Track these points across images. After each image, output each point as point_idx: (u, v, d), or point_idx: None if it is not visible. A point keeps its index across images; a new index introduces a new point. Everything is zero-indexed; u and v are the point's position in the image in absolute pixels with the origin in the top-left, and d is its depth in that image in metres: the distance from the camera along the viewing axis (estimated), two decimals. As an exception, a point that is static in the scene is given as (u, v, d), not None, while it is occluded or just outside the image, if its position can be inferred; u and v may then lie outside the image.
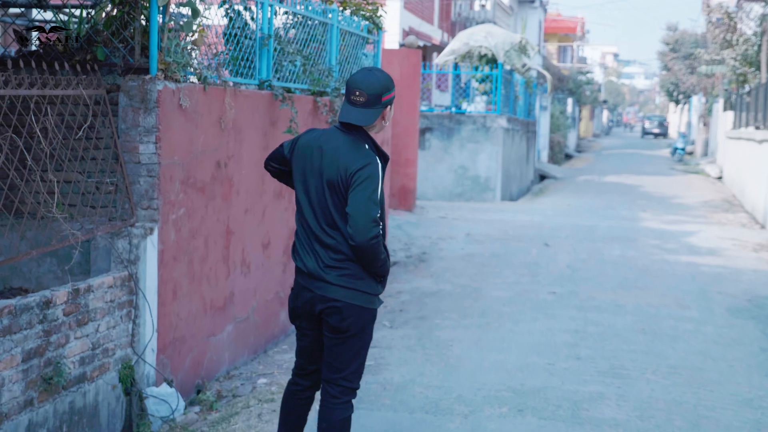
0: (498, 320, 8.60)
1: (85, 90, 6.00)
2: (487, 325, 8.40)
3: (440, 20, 27.73)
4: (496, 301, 9.47)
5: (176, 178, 6.45)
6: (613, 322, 8.69)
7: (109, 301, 5.83)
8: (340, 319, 4.51)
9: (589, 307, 9.33)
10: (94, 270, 6.23)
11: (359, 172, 4.36)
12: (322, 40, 9.50)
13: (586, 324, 8.53)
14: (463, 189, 20.14)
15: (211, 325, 7.10)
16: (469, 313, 8.89)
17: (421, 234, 13.85)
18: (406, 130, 15.67)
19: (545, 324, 8.48)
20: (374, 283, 4.54)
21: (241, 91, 7.39)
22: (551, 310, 9.08)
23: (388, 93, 4.45)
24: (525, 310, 9.06)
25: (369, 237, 4.31)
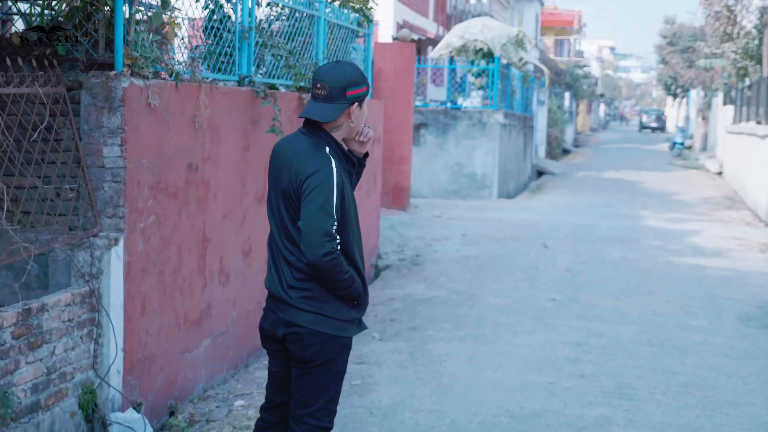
0: (495, 331, 8.07)
1: (42, 88, 5.46)
2: (483, 337, 7.87)
3: (435, 13, 27.17)
4: (492, 309, 8.94)
5: (144, 183, 5.92)
6: (618, 332, 8.16)
7: (67, 321, 5.29)
8: (300, 346, 4.01)
9: (591, 315, 8.81)
10: (52, 285, 5.69)
11: (309, 180, 3.86)
12: (308, 33, 8.98)
13: (588, 335, 8.01)
14: (459, 186, 19.61)
15: (186, 341, 6.58)
16: (464, 322, 8.36)
17: (415, 235, 13.32)
18: (400, 126, 15.13)
19: (545, 335, 7.96)
20: (344, 307, 4.00)
21: (218, 88, 6.85)
22: (551, 320, 8.56)
23: (355, 88, 3.93)
24: (523, 320, 8.53)
25: (320, 254, 3.81)
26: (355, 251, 4.03)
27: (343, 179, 3.90)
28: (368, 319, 8.45)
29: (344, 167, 3.97)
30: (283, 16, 8.80)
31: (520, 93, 22.69)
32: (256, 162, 7.49)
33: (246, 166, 7.36)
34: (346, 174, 3.96)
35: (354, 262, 4.02)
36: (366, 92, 3.97)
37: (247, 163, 7.37)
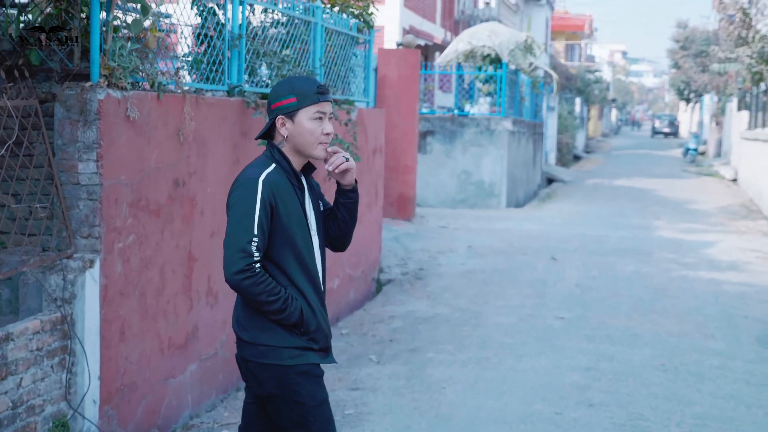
0: (498, 354, 7.66)
1: (11, 101, 5.09)
2: (486, 360, 7.46)
3: (443, 18, 26.76)
4: (497, 329, 8.53)
5: (123, 201, 5.55)
6: (629, 356, 7.74)
7: (36, 350, 4.92)
8: (256, 383, 3.74)
9: (601, 336, 8.39)
10: (23, 310, 5.32)
11: (230, 197, 3.72)
12: (305, 40, 8.61)
13: (598, 359, 7.59)
14: (466, 195, 19.20)
15: (170, 366, 6.20)
16: (466, 344, 7.96)
17: (420, 247, 12.92)
18: (405, 134, 14.74)
19: (552, 359, 7.54)
20: (287, 335, 3.67)
21: (204, 98, 6.48)
22: (559, 341, 8.14)
23: (278, 100, 3.72)
24: (529, 341, 8.12)
25: (233, 271, 3.57)
26: (298, 273, 3.71)
27: (274, 196, 3.63)
28: (366, 339, 8.07)
29: (293, 184, 3.71)
30: (281, 22, 8.45)
31: (529, 99, 22.28)
32: (247, 176, 7.10)
33: (236, 181, 6.98)
34: (292, 191, 3.70)
35: (297, 285, 3.70)
36: (293, 104, 3.68)
37: (237, 178, 6.99)
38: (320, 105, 3.69)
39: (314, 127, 3.68)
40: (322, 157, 3.72)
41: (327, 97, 3.72)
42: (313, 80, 3.73)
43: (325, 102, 3.71)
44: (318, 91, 3.69)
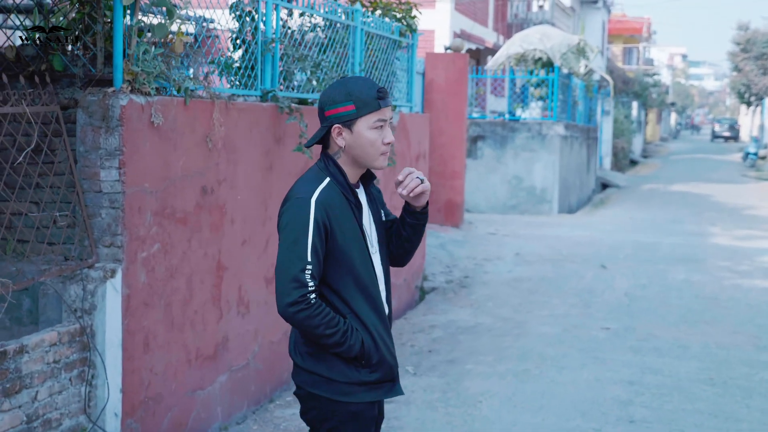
0: (539, 366, 7.42)
1: (31, 107, 5.00)
2: (526, 373, 7.22)
3: (495, 22, 26.47)
4: (540, 340, 8.28)
5: (147, 209, 5.42)
6: (676, 369, 7.45)
7: (53, 362, 4.81)
8: (302, 410, 3.48)
9: (647, 348, 8.10)
10: (42, 321, 5.21)
11: (280, 219, 3.40)
12: (344, 45, 8.46)
13: (643, 372, 7.31)
14: (517, 201, 18.92)
15: (198, 378, 6.07)
16: (507, 355, 7.73)
17: (466, 254, 12.69)
18: (452, 139, 14.52)
19: (594, 372, 7.28)
20: (345, 367, 3.36)
21: (235, 104, 6.34)
22: (603, 353, 7.88)
23: (333, 107, 3.33)
24: (572, 353, 7.87)
25: (285, 303, 3.26)
26: (359, 299, 3.38)
27: (329, 217, 3.30)
28: (405, 350, 7.88)
29: (350, 201, 3.36)
30: (319, 26, 8.32)
31: (582, 103, 21.91)
32: (280, 183, 6.97)
33: (269, 188, 6.85)
34: (349, 209, 3.36)
35: (357, 313, 3.38)
36: (352, 112, 3.30)
37: (270, 185, 6.85)
38: (381, 112, 3.31)
39: (375, 137, 3.31)
40: (383, 167, 3.41)
41: (387, 102, 3.32)
42: (371, 83, 3.34)
43: (386, 108, 3.32)
44: (378, 97, 3.30)
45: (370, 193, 3.51)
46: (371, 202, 3.49)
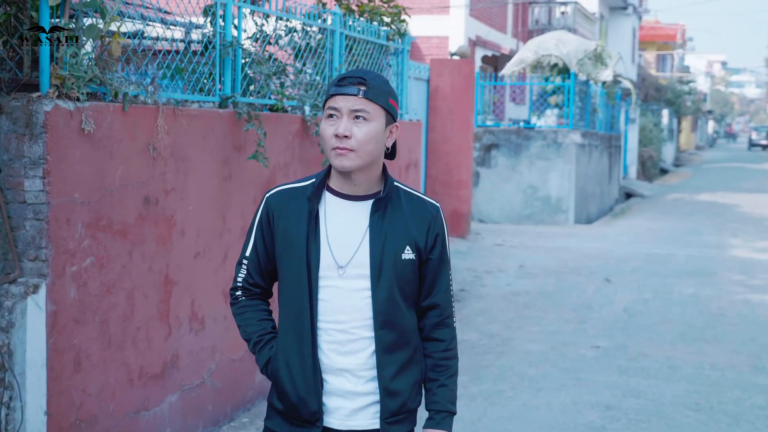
0: (515, 387, 7.02)
1: (-56, 112, 4.71)
2: (499, 394, 6.83)
3: (514, 28, 26.05)
4: (523, 358, 7.88)
5: (77, 221, 5.11)
6: (661, 392, 7.02)
7: (-41, 384, 4.51)
8: None
9: (635, 368, 7.67)
10: (-41, 339, 4.93)
11: None
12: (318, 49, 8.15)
13: (624, 395, 6.89)
14: (532, 211, 18.48)
15: (142, 398, 5.75)
16: (484, 375, 7.34)
17: (467, 266, 12.30)
18: (458, 147, 14.15)
19: (572, 394, 6.88)
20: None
21: (185, 110, 6.03)
22: (586, 373, 7.46)
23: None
24: (554, 373, 7.46)
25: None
26: (286, 320, 3.01)
27: (274, 218, 3.02)
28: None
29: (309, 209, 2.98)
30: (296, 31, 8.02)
31: (603, 111, 21.42)
32: (240, 193, 6.65)
33: (227, 198, 6.53)
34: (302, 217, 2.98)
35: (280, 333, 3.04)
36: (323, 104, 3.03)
37: (229, 195, 6.53)
38: (332, 99, 2.91)
39: (325, 129, 2.93)
40: (342, 168, 2.91)
41: (342, 90, 2.88)
42: (351, 71, 2.97)
43: (338, 95, 2.89)
44: (335, 83, 2.92)
45: (382, 214, 2.98)
46: (381, 221, 2.98)
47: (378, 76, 2.96)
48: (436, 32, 20.35)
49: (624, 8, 39.10)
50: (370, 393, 3.00)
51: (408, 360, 3.03)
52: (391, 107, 2.96)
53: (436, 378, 3.06)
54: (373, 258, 2.96)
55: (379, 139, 2.94)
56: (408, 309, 3.04)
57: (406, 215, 3.01)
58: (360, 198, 3.00)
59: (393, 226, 2.98)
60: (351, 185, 2.98)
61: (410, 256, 2.99)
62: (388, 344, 2.98)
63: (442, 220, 3.08)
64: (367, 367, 2.99)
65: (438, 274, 3.07)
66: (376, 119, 2.92)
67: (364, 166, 2.93)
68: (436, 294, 3.08)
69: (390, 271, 2.96)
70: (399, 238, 2.98)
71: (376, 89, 2.91)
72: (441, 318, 3.09)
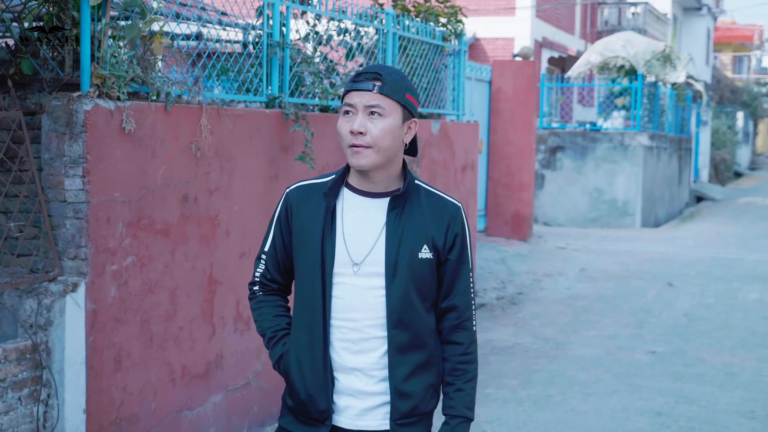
0: (564, 392, 6.89)
1: (-14, 111, 4.77)
2: (548, 399, 6.70)
3: (582, 29, 25.74)
4: (575, 363, 7.74)
5: (117, 220, 5.14)
6: (715, 399, 6.83)
7: (-4, 381, 4.55)
8: None
9: (690, 374, 7.48)
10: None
11: None
12: (371, 50, 8.13)
13: (677, 402, 6.72)
14: (598, 214, 18.21)
15: (185, 397, 5.76)
16: (534, 379, 7.22)
17: (526, 269, 12.15)
18: (520, 150, 14.01)
19: (623, 400, 6.72)
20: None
21: (229, 109, 6.03)
22: (639, 379, 7.29)
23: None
24: (606, 378, 7.31)
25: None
26: (299, 316, 2.98)
27: (292, 213, 2.99)
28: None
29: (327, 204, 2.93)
30: (349, 31, 8.00)
31: (672, 113, 21.02)
32: (286, 193, 6.62)
33: (274, 199, 6.50)
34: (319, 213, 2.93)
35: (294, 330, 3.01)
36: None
37: (275, 195, 6.51)
38: (348, 95, 2.87)
39: (341, 126, 2.87)
40: (357, 167, 2.86)
41: (357, 86, 2.83)
42: (364, 68, 2.93)
43: (354, 91, 2.85)
44: (351, 79, 2.89)
45: (400, 211, 2.92)
46: (393, 221, 2.91)
47: (395, 72, 2.90)
48: (502, 34, 20.21)
49: (698, 9, 38.39)
50: (381, 393, 2.94)
51: (423, 362, 2.96)
52: (409, 102, 2.89)
53: (452, 382, 2.98)
54: (388, 256, 2.89)
55: (396, 134, 2.87)
56: (426, 310, 2.97)
57: (424, 213, 2.94)
58: (378, 195, 2.95)
59: (410, 224, 2.92)
60: (369, 182, 2.94)
61: (427, 255, 2.92)
62: (402, 344, 2.92)
63: (463, 220, 3.00)
64: (378, 367, 2.93)
65: (457, 276, 2.99)
66: (391, 115, 2.85)
67: (381, 162, 2.88)
68: (455, 296, 2.99)
69: (405, 270, 2.90)
70: (416, 236, 2.91)
71: (392, 84, 2.85)
72: (459, 321, 3.00)
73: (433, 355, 2.99)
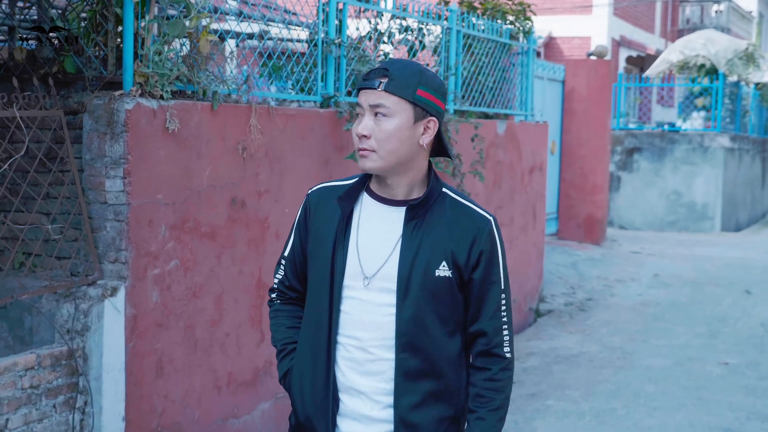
0: (629, 405, 6.57)
1: (23, 111, 4.65)
2: (610, 412, 6.39)
3: (662, 27, 25.11)
4: (642, 374, 7.40)
5: (160, 222, 5.00)
6: (791, 416, 6.46)
7: (29, 387, 4.43)
8: None
9: (764, 389, 7.08)
10: (36, 341, 4.88)
11: None
12: (439, 47, 7.92)
13: (747, 418, 6.35)
14: (676, 217, 17.68)
15: (231, 405, 5.61)
16: (597, 391, 6.91)
17: (597, 274, 11.78)
18: (594, 151, 13.63)
19: (690, 415, 6.38)
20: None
21: (280, 109, 5.86)
22: (709, 392, 6.93)
23: None
24: (674, 391, 6.96)
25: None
26: (307, 328, 2.77)
27: (310, 217, 2.77)
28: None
29: (342, 210, 2.71)
30: (412, 29, 7.79)
31: (756, 114, 20.34)
32: (341, 195, 6.43)
33: (327, 200, 6.32)
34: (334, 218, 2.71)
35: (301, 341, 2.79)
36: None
37: (328, 197, 6.32)
38: (359, 95, 2.66)
39: (354, 129, 2.68)
40: (364, 169, 2.67)
41: (365, 84, 2.62)
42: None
43: (362, 90, 2.63)
44: (362, 77, 2.68)
45: (418, 220, 2.67)
46: (416, 230, 2.66)
47: (407, 66, 2.63)
48: (578, 32, 19.78)
49: (786, 6, 37.29)
50: (385, 420, 2.68)
51: (436, 392, 2.68)
52: (422, 100, 2.60)
53: (474, 410, 2.70)
54: (401, 271, 2.63)
55: (404, 136, 2.61)
56: (447, 335, 2.68)
57: (447, 226, 2.66)
58: (398, 203, 2.70)
59: (429, 237, 2.65)
60: (388, 188, 2.70)
61: (446, 273, 2.64)
62: (410, 370, 2.65)
63: (492, 235, 2.69)
64: (384, 392, 2.67)
65: (484, 298, 2.69)
66: (397, 114, 2.59)
67: (389, 167, 2.64)
68: (483, 320, 2.70)
69: (418, 288, 2.62)
70: (434, 251, 2.64)
71: (399, 80, 2.59)
72: (488, 347, 2.70)
73: (450, 385, 2.70)
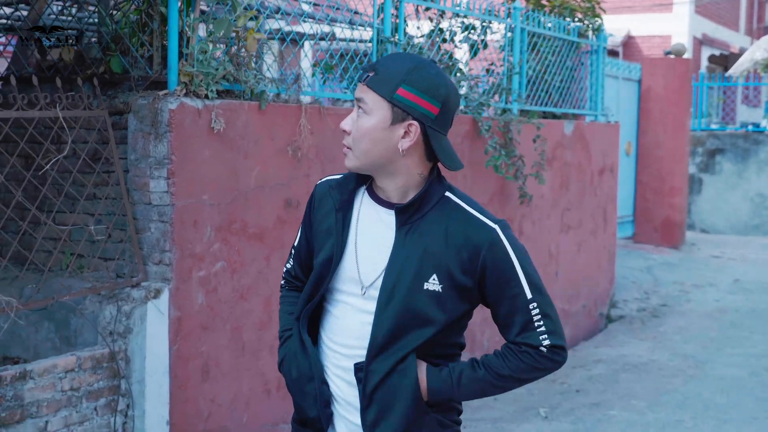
0: (697, 417, 6.28)
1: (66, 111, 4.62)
2: (677, 424, 6.12)
3: (748, 25, 24.41)
4: (714, 384, 7.09)
5: (205, 223, 4.92)
6: None
7: (69, 390, 4.38)
8: None
9: (844, 401, 6.74)
10: (80, 343, 4.84)
11: None
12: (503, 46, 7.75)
13: (824, 433, 6.04)
14: (761, 221, 17.09)
15: (281, 409, 5.50)
16: (664, 401, 6.63)
17: (674, 279, 11.41)
18: (671, 153, 13.25)
19: (763, 429, 6.05)
20: None
21: (332, 109, 5.76)
22: (784, 405, 6.62)
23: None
24: (747, 403, 6.64)
25: None
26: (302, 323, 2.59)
27: (314, 209, 2.61)
28: (552, 388, 6.95)
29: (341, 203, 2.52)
30: (472, 27, 7.63)
31: None
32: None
33: (383, 202, 6.19)
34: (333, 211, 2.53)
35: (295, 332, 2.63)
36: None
37: (383, 199, 6.19)
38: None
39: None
40: (348, 168, 2.50)
41: (361, 78, 2.44)
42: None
43: (360, 84, 2.44)
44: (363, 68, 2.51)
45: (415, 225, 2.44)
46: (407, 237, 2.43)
47: (398, 60, 2.39)
48: (658, 31, 19.32)
49: None
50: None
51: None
52: (401, 100, 2.34)
53: (479, 358, 2.48)
54: (385, 281, 2.42)
55: (377, 137, 2.38)
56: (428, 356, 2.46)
57: (444, 235, 2.41)
58: (392, 205, 2.47)
59: (420, 245, 2.41)
60: (381, 189, 2.50)
61: (435, 288, 2.39)
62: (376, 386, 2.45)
63: (499, 245, 2.40)
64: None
65: (510, 314, 2.43)
66: (374, 113, 2.37)
67: (366, 168, 2.44)
68: (513, 333, 2.45)
69: (400, 301, 2.40)
70: (425, 261, 2.40)
71: (381, 76, 2.36)
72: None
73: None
